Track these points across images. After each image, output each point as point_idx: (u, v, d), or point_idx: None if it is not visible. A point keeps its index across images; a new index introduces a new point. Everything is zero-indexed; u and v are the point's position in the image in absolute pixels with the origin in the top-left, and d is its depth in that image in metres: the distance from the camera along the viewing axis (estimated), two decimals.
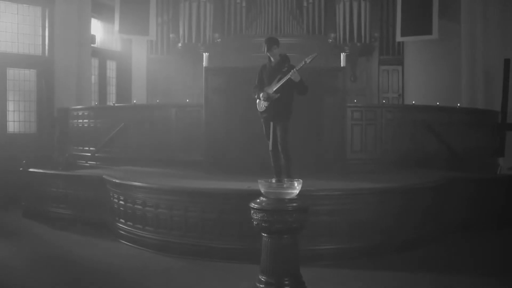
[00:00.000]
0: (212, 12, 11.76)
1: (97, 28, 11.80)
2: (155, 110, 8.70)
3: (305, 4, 12.07)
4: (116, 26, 11.16)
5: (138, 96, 11.74)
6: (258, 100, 5.94)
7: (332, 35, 11.82)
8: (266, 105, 5.81)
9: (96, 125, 9.30)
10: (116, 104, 10.43)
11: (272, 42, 5.81)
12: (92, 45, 11.19)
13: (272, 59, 5.88)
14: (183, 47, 11.72)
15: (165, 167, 7.85)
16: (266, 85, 5.87)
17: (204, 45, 11.55)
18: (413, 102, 9.59)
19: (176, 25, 11.95)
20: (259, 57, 11.31)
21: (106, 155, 8.95)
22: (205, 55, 7.52)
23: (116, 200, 6.29)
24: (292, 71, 5.56)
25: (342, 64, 7.50)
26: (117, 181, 6.25)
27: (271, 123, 5.85)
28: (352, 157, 7.77)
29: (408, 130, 8.39)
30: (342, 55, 7.56)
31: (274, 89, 5.73)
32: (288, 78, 5.59)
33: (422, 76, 11.99)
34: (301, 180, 3.71)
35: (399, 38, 11.57)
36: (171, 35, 12.03)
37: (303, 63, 5.56)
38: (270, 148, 5.88)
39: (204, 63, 7.50)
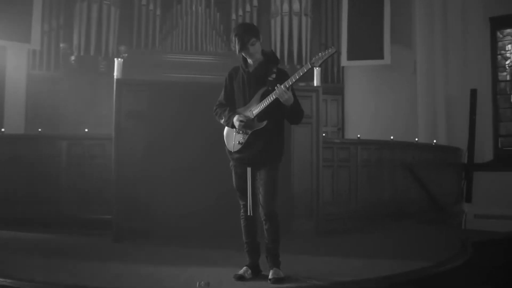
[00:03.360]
0: (117, 19, 9.16)
1: None
2: (35, 143, 5.80)
3: (233, 17, 9.94)
4: None
5: (13, 124, 8.56)
6: (226, 130, 3.58)
7: None
8: (242, 139, 3.45)
9: None
10: None
11: (248, 33, 3.43)
12: None
13: (249, 60, 3.55)
14: (78, 61, 8.88)
15: (47, 232, 5.08)
16: (240, 104, 3.54)
17: (106, 59, 8.87)
18: (358, 136, 7.63)
19: (70, 33, 9.07)
20: (177, 79, 9.25)
21: None
22: (117, 61, 4.97)
23: None
24: (278, 87, 3.29)
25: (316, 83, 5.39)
26: None
27: (249, 170, 3.48)
28: (324, 212, 5.57)
29: (387, 172, 6.48)
30: (316, 71, 5.46)
31: (255, 112, 3.41)
32: (274, 98, 3.33)
33: (367, 107, 10.24)
34: None
35: (344, 62, 9.80)
36: (61, 45, 9.10)
37: (307, 67, 3.30)
38: (249, 212, 3.47)
39: (116, 73, 4.96)
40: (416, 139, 7.47)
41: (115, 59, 5.00)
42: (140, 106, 4.93)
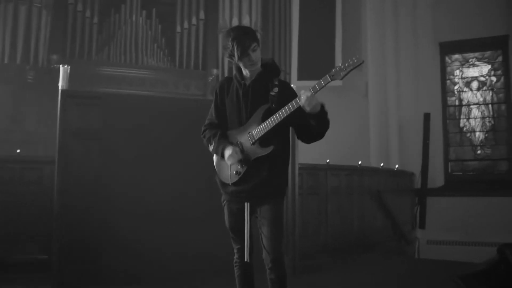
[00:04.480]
0: (49, 24, 8.10)
1: None
2: None
3: (178, 30, 9.21)
4: None
5: None
6: (216, 160, 2.90)
7: (215, 71, 9.12)
8: (241, 168, 2.78)
9: None
10: None
11: (249, 37, 2.79)
12: None
13: (245, 71, 2.90)
14: (1, 71, 7.73)
15: None
16: (234, 124, 2.89)
17: (34, 68, 7.80)
18: (328, 161, 7.24)
19: None
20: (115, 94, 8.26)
21: None
22: (62, 68, 4.12)
23: None
24: (304, 95, 2.65)
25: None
26: None
27: (247, 206, 2.80)
28: (298, 246, 4.97)
29: (356, 200, 6.03)
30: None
31: (256, 135, 2.77)
32: (295, 108, 2.69)
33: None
34: None
35: (295, 82, 9.40)
36: None
37: (326, 81, 2.68)
38: (246, 258, 2.78)
39: (61, 83, 4.10)
40: (382, 164, 7.13)
41: (61, 66, 4.16)
42: (91, 123, 4.09)
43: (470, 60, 9.01)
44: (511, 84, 8.62)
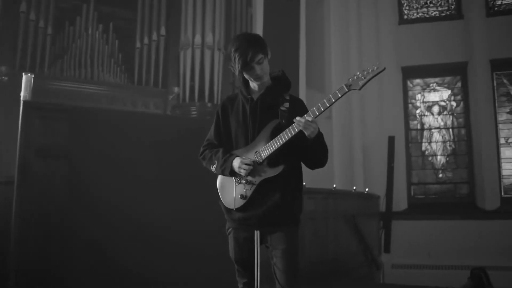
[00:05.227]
0: None
1: None
2: None
3: (138, 45, 8.81)
4: None
5: None
6: (221, 180, 2.56)
7: (176, 89, 8.74)
8: (247, 191, 2.45)
9: None
10: None
11: (254, 47, 2.48)
12: None
13: (253, 85, 2.59)
14: None
15: None
16: (240, 143, 2.58)
17: None
18: (304, 183, 7.00)
19: None
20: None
21: None
22: (25, 77, 3.67)
23: None
24: (303, 119, 2.38)
25: None
26: None
27: (257, 235, 2.46)
28: None
29: (331, 225, 5.80)
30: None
31: (265, 153, 2.46)
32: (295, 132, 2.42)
33: None
34: None
35: None
36: None
37: (343, 91, 2.43)
38: None
39: (23, 94, 3.64)
40: (354, 188, 6.97)
41: (23, 74, 3.68)
42: (57, 140, 3.62)
43: (431, 84, 9.14)
44: (470, 109, 8.79)
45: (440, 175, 8.87)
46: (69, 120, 3.70)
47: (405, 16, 9.35)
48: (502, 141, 8.60)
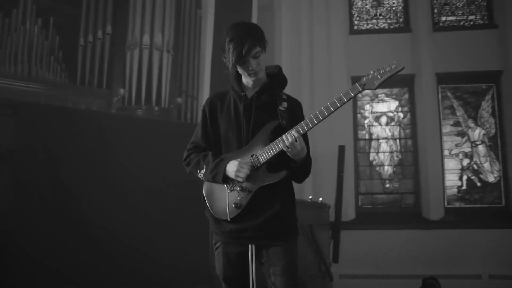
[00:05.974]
0: None
1: None
2: None
3: (81, 42, 8.28)
4: None
5: None
6: (208, 187, 2.28)
7: (122, 90, 8.27)
8: (242, 200, 2.19)
9: None
10: None
11: (250, 38, 2.28)
12: None
13: (246, 81, 2.35)
14: None
15: None
16: (231, 146, 2.33)
17: None
18: None
19: None
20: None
21: None
22: None
23: None
24: (289, 136, 2.18)
25: None
26: None
27: (251, 249, 2.19)
28: None
29: None
30: None
31: (263, 157, 2.22)
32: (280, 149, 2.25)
33: None
34: None
35: None
36: None
37: (356, 91, 2.25)
38: None
39: None
40: (310, 197, 6.83)
41: None
42: (1, 140, 3.18)
43: (379, 95, 9.24)
44: (416, 121, 8.96)
45: (387, 185, 8.96)
46: (16, 117, 3.26)
47: (355, 27, 9.43)
48: (446, 152, 8.82)
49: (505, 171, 8.57)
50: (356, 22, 9.46)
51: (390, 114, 9.15)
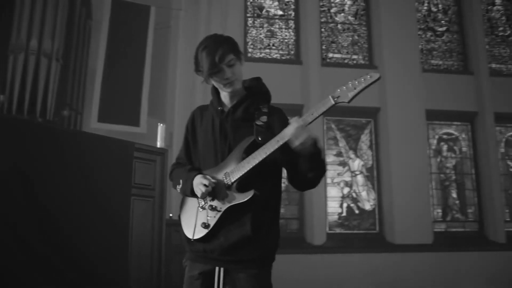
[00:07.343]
0: None
1: None
2: None
3: None
4: None
5: None
6: (183, 204, 2.12)
7: (1, 97, 7.46)
8: (210, 218, 2.09)
9: None
10: None
11: (222, 47, 2.21)
12: None
13: (225, 94, 2.31)
14: None
15: None
16: (209, 163, 2.24)
17: None
18: None
19: None
20: None
21: None
22: None
23: None
24: (293, 125, 2.13)
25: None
26: None
27: (218, 272, 2.07)
28: None
29: None
30: (160, 127, 4.23)
31: (234, 175, 2.12)
32: (283, 143, 2.14)
33: None
34: None
35: (94, 123, 8.41)
36: None
37: (328, 104, 2.23)
38: None
39: None
40: None
41: None
42: None
43: None
44: None
45: None
46: None
47: (249, 54, 9.67)
48: (328, 180, 9.34)
49: (379, 200, 9.31)
50: (250, 50, 9.71)
51: None
